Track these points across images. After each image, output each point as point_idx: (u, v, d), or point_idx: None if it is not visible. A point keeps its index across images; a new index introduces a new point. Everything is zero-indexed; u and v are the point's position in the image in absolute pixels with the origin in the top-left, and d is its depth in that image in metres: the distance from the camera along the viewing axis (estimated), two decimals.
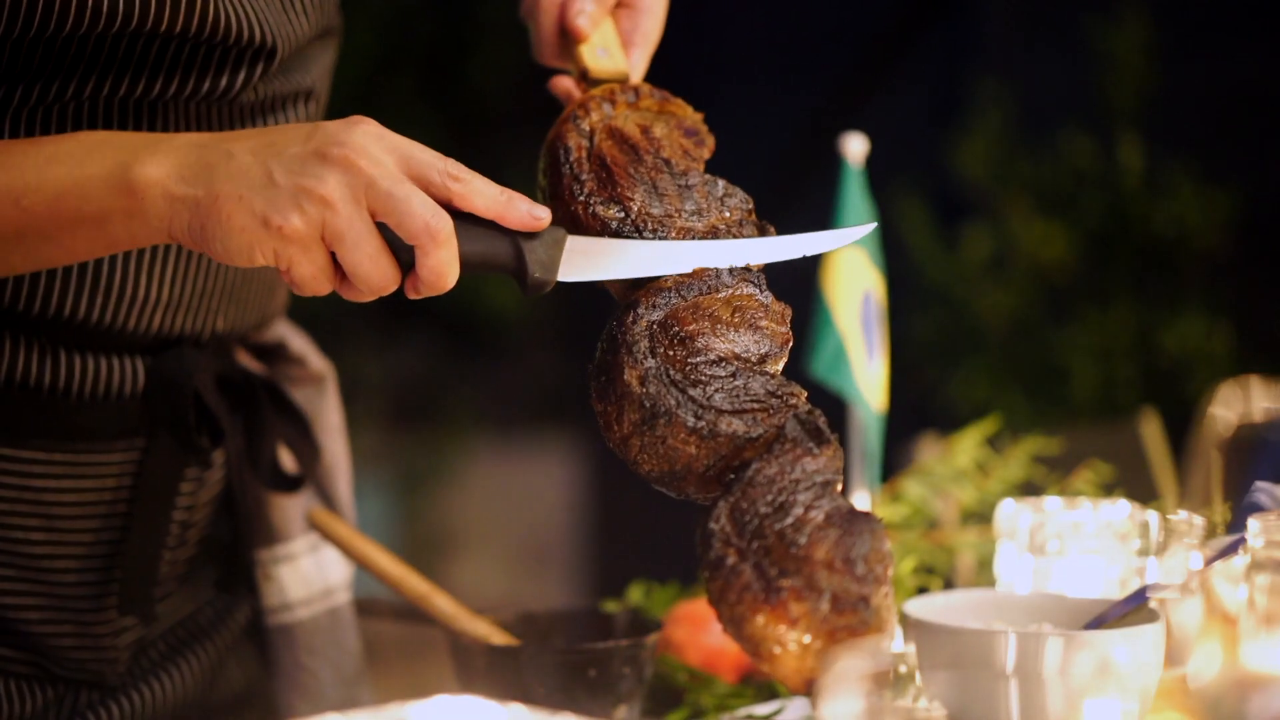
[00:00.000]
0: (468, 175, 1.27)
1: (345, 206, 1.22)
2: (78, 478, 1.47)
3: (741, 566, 1.21)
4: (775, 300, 1.33)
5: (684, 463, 1.27)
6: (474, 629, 1.53)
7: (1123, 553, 1.61)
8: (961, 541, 1.85)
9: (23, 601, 1.48)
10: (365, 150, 1.24)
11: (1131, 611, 1.43)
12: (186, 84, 1.40)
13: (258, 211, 1.22)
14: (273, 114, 1.49)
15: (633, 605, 1.81)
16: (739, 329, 1.30)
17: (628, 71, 1.49)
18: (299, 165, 1.23)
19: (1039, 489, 1.88)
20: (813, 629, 1.20)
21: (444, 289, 1.27)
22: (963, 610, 1.48)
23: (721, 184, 1.39)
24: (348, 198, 1.22)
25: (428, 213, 1.24)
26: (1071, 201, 4.12)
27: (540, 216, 1.28)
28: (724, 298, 1.32)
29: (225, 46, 1.40)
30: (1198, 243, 4.05)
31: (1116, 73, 4.09)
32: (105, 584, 1.50)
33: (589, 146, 1.38)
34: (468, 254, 1.27)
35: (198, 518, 1.58)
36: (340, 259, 1.24)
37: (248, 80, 1.42)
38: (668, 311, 1.30)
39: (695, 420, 1.26)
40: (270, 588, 1.67)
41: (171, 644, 1.60)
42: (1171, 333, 3.96)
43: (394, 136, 1.26)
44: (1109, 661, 1.26)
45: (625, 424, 1.27)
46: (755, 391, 1.28)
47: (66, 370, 1.45)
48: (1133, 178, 4.07)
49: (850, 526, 1.23)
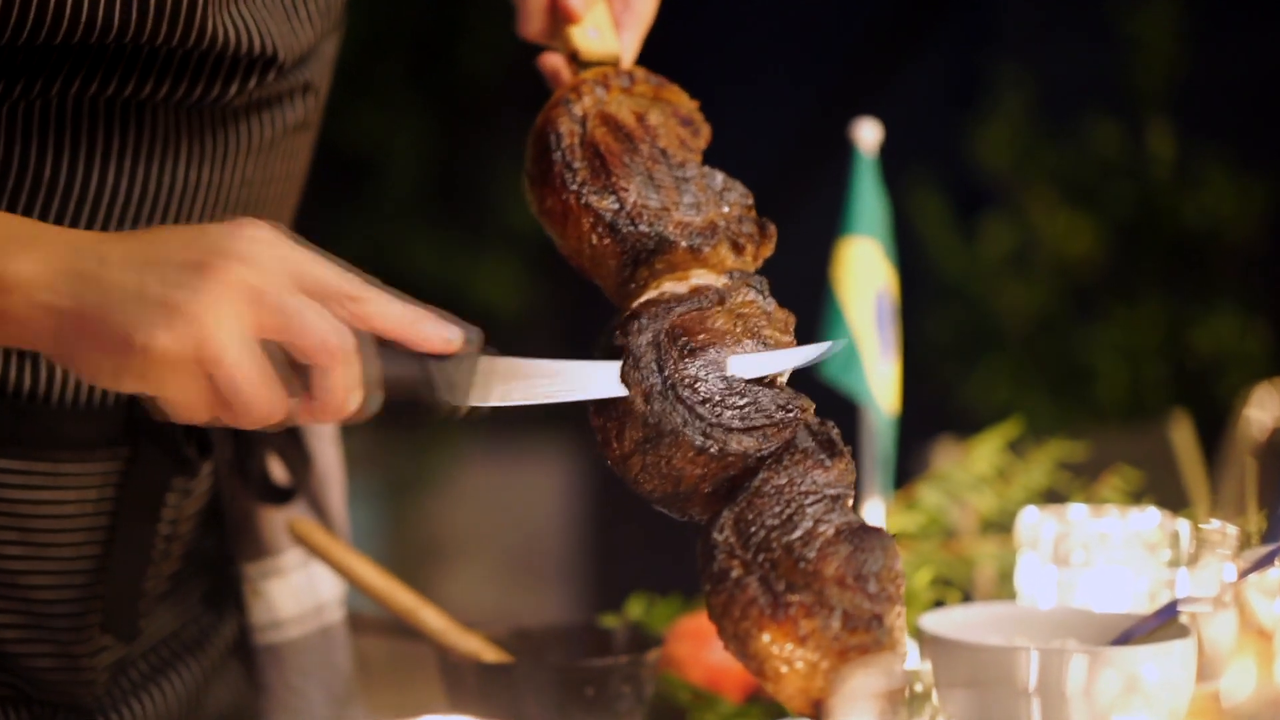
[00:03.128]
0: (368, 293, 1.20)
1: (223, 323, 1.15)
2: (57, 489, 1.47)
3: (746, 580, 1.21)
4: (778, 307, 1.33)
5: (689, 483, 1.26)
6: (464, 645, 1.53)
7: (1152, 564, 1.61)
8: (980, 552, 1.85)
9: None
10: (253, 259, 1.17)
11: (1161, 626, 1.43)
12: (178, 89, 1.40)
13: (121, 329, 1.15)
14: (269, 110, 1.49)
15: (632, 620, 1.81)
16: (741, 339, 1.30)
17: (619, 53, 1.49)
18: (174, 275, 1.16)
19: (1063, 496, 1.88)
20: (822, 648, 1.19)
21: (344, 415, 1.20)
22: (982, 625, 1.48)
23: (720, 177, 1.39)
24: (227, 312, 1.15)
25: (325, 328, 1.17)
26: (1097, 192, 4.12)
27: (450, 338, 1.22)
28: (726, 306, 1.31)
29: (223, 57, 1.39)
30: (1231, 235, 4.05)
31: (1145, 55, 4.09)
32: (86, 601, 1.50)
33: (581, 133, 1.38)
34: (369, 375, 1.21)
35: (182, 531, 1.58)
36: (217, 383, 1.16)
37: (244, 86, 1.42)
38: (673, 321, 1.29)
39: (703, 440, 1.25)
40: (259, 604, 1.66)
41: (154, 664, 1.59)
42: (1203, 331, 3.97)
43: (289, 246, 1.20)
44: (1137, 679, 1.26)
45: (626, 442, 1.26)
46: (765, 406, 1.27)
47: (46, 375, 1.44)
48: (1162, 167, 4.08)
49: (862, 542, 1.22)
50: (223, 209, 1.48)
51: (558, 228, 1.37)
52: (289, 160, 1.54)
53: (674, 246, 1.34)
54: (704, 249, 1.34)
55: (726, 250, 1.35)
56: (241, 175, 1.49)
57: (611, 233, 1.35)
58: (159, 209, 1.44)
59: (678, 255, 1.34)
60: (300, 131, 1.54)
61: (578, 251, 1.37)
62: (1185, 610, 1.43)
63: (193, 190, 1.45)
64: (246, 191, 1.50)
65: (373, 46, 4.98)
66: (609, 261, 1.35)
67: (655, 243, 1.34)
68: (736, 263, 1.35)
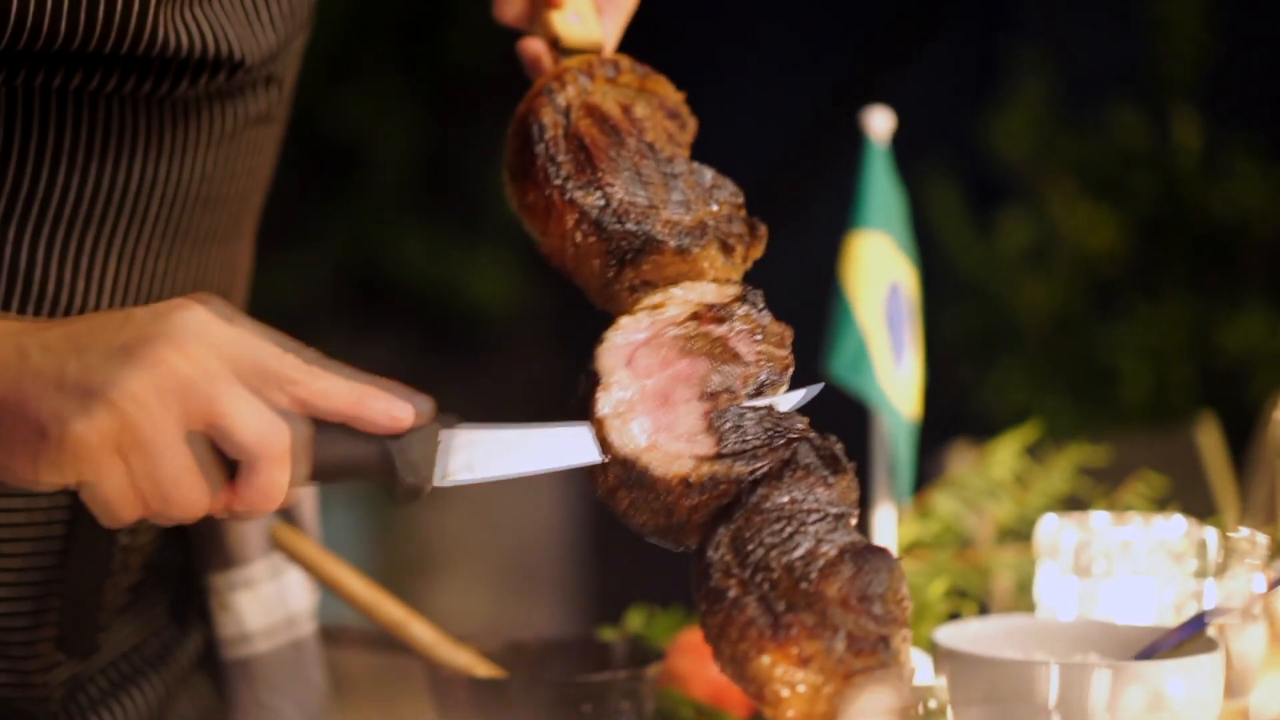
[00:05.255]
0: (309, 375, 1.19)
1: (146, 413, 1.14)
2: (6, 495, 1.47)
3: (745, 600, 1.20)
4: (774, 320, 1.32)
5: (681, 514, 1.25)
6: (455, 659, 1.53)
7: (1178, 574, 1.62)
8: (998, 562, 1.85)
9: None
10: (183, 344, 1.15)
11: (1187, 640, 1.43)
12: (126, 83, 1.39)
13: (37, 418, 1.14)
14: (228, 100, 1.49)
15: (632, 633, 1.81)
16: (733, 357, 1.29)
17: (602, 41, 1.49)
18: (99, 363, 1.15)
19: (1084, 503, 1.89)
20: (826, 670, 1.19)
21: (269, 511, 1.19)
22: (999, 639, 1.48)
23: (709, 173, 1.39)
24: (152, 402, 1.14)
25: (260, 423, 1.15)
26: (1120, 184, 4.12)
27: (399, 415, 1.21)
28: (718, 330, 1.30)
29: (175, 60, 1.39)
30: (1261, 230, 4.05)
31: (1171, 39, 4.09)
32: (38, 614, 1.50)
33: (565, 124, 1.37)
34: (323, 461, 1.19)
35: (142, 541, 1.58)
36: (136, 476, 1.15)
37: (210, 85, 1.42)
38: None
39: (692, 468, 1.24)
40: (226, 617, 1.66)
41: (113, 680, 1.59)
42: (1231, 330, 3.97)
43: (223, 327, 1.18)
44: (1162, 695, 1.26)
45: (610, 476, 1.25)
46: (753, 429, 1.26)
47: None
48: (1189, 157, 4.08)
49: (866, 563, 1.22)
50: (180, 207, 1.48)
51: (539, 224, 1.37)
52: (252, 155, 1.54)
53: (662, 246, 1.33)
54: (693, 249, 1.34)
55: (716, 251, 1.35)
56: (200, 170, 1.48)
57: (597, 231, 1.34)
58: (110, 209, 1.44)
59: (665, 256, 1.33)
60: (263, 124, 1.54)
61: (560, 250, 1.36)
62: (1213, 623, 1.43)
63: (148, 187, 1.45)
64: (206, 188, 1.50)
65: (357, 30, 4.98)
66: (592, 261, 1.35)
67: (642, 242, 1.33)
68: (726, 264, 1.35)
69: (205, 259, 1.55)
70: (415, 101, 5.12)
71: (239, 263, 1.64)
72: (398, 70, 5.13)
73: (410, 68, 5.16)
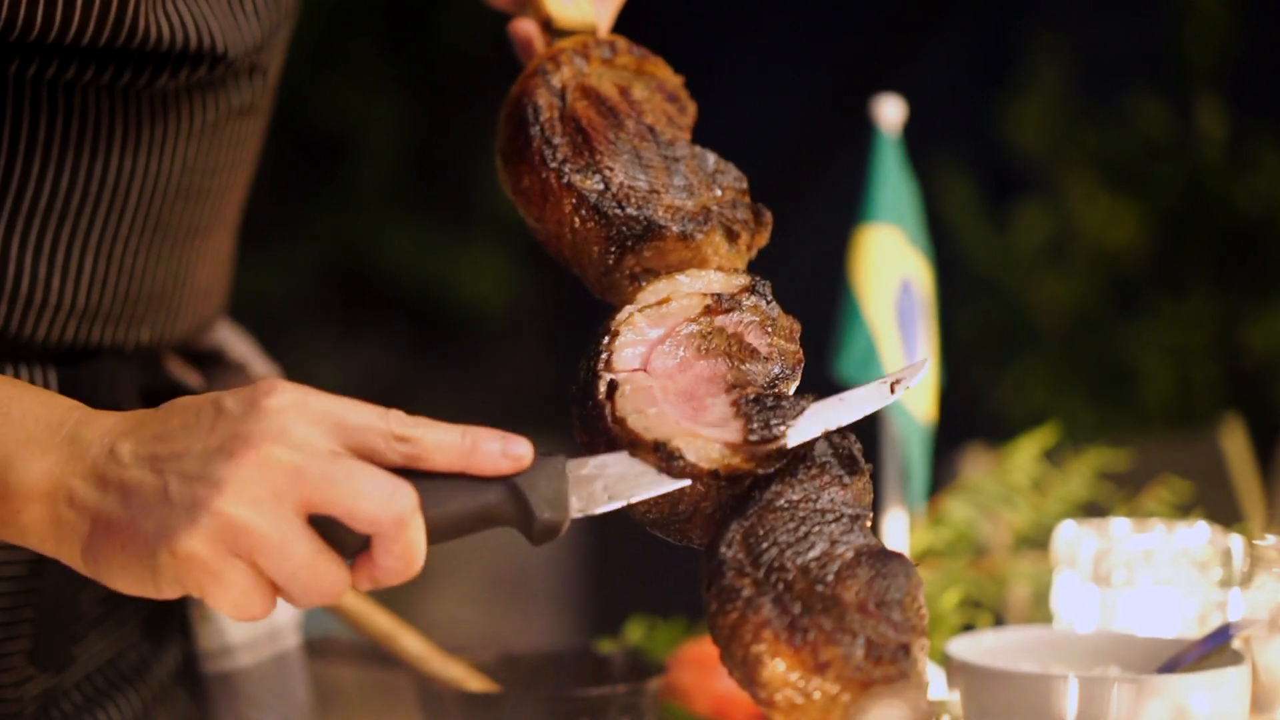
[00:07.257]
0: (418, 430, 1.19)
1: (260, 512, 1.15)
2: None
3: (760, 600, 1.20)
4: (783, 314, 1.32)
5: (690, 502, 1.26)
6: (447, 673, 1.53)
7: (1202, 584, 1.62)
8: (1014, 571, 1.85)
9: None
10: (282, 433, 1.16)
11: (1212, 652, 1.43)
12: (104, 74, 1.40)
13: (148, 536, 1.16)
14: (210, 91, 1.49)
15: (632, 645, 1.81)
16: (743, 350, 1.29)
17: (595, 22, 1.49)
18: (199, 469, 1.15)
19: (1104, 510, 1.89)
20: (843, 678, 1.18)
21: (414, 575, 1.21)
22: (1016, 651, 1.48)
23: (712, 158, 1.39)
24: (262, 500, 1.15)
25: (383, 492, 1.16)
26: (1141, 176, 4.13)
27: (521, 454, 1.21)
28: (726, 322, 1.31)
29: (161, 53, 1.40)
30: None
31: (1194, 25, 4.09)
32: (10, 626, 1.50)
33: (561, 106, 1.37)
34: (450, 516, 1.20)
35: None
36: (267, 575, 1.16)
37: (191, 76, 1.43)
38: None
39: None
40: (207, 629, 1.66)
41: (89, 694, 1.59)
42: (1257, 328, 3.97)
43: (318, 399, 1.18)
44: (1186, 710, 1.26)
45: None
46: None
47: None
48: (1213, 148, 4.08)
49: (884, 567, 1.22)
50: (160, 201, 1.48)
51: (535, 210, 1.37)
52: (235, 147, 1.55)
53: (664, 232, 1.33)
54: (696, 236, 1.34)
55: (720, 238, 1.35)
56: (181, 162, 1.49)
57: (596, 216, 1.34)
58: (88, 202, 1.44)
59: (668, 242, 1.33)
60: (246, 116, 1.54)
61: (557, 236, 1.36)
62: (1238, 634, 1.43)
63: (126, 180, 1.45)
64: (187, 181, 1.50)
65: (344, 14, 4.98)
66: (591, 247, 1.35)
67: (644, 228, 1.33)
68: (730, 252, 1.35)
69: (186, 254, 1.55)
70: (404, 90, 5.12)
71: (221, 258, 1.64)
72: (385, 57, 5.14)
73: (398, 54, 5.16)
